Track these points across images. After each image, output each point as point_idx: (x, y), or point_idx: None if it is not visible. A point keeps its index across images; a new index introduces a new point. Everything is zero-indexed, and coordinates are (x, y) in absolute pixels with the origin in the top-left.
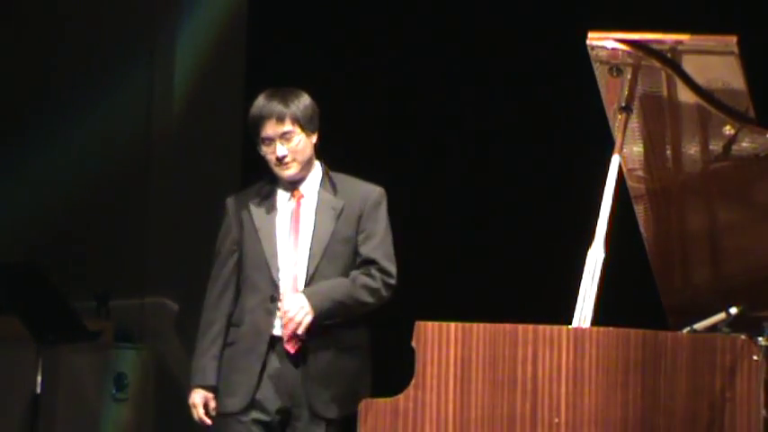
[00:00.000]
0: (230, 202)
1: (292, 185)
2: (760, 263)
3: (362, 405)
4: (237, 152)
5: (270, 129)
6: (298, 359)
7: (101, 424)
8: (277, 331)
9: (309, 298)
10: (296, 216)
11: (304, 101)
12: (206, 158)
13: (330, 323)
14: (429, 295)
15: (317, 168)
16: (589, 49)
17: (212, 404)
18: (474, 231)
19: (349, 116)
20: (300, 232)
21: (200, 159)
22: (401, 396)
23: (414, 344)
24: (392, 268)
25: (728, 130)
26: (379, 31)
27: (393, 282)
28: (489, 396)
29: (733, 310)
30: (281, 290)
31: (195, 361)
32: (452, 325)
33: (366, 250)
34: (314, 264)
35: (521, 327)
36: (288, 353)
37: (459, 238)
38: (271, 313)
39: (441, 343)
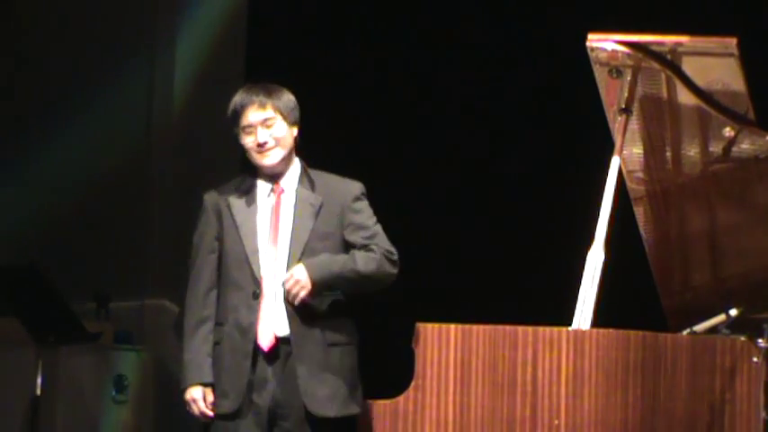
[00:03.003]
0: (209, 196)
1: (272, 180)
2: (760, 264)
3: (362, 406)
4: (238, 153)
5: (251, 115)
6: (279, 356)
7: (100, 425)
8: (260, 329)
9: (308, 268)
10: (276, 212)
11: (286, 93)
12: (206, 159)
13: (321, 312)
14: (429, 297)
15: (296, 164)
16: (589, 50)
17: (210, 398)
18: (474, 233)
19: (350, 114)
20: (280, 229)
21: (200, 160)
22: (401, 397)
23: (414, 345)
24: (392, 248)
25: (728, 131)
26: (379, 29)
27: (395, 257)
28: (489, 398)
29: (733, 312)
30: (264, 287)
31: (189, 358)
32: (452, 327)
33: (359, 238)
34: (294, 262)
35: (521, 328)
36: (263, 351)
37: (460, 239)
38: (255, 310)
39: (441, 345)
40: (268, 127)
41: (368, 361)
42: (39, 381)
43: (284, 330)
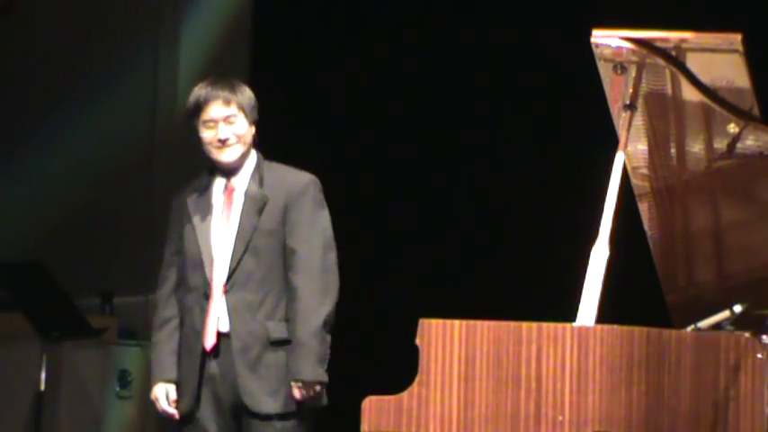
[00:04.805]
0: (175, 197)
1: (227, 176)
2: (764, 260)
3: (366, 402)
4: None
5: (215, 111)
6: (219, 356)
7: (104, 421)
8: (207, 329)
9: (301, 375)
10: (227, 211)
11: (248, 90)
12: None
13: (266, 310)
14: (433, 293)
15: (252, 160)
16: (593, 46)
17: (173, 395)
18: (478, 229)
19: (353, 111)
20: (230, 228)
21: (203, 157)
22: (405, 393)
23: (418, 341)
24: (316, 257)
25: (733, 128)
26: (383, 27)
27: (316, 274)
28: (493, 394)
29: (737, 308)
30: (213, 288)
31: (154, 356)
32: (457, 323)
33: (291, 242)
34: (236, 259)
35: (525, 324)
36: (205, 350)
37: (464, 235)
38: (205, 311)
39: (445, 341)
40: (230, 124)
41: (371, 357)
42: (43, 376)
43: (226, 326)
